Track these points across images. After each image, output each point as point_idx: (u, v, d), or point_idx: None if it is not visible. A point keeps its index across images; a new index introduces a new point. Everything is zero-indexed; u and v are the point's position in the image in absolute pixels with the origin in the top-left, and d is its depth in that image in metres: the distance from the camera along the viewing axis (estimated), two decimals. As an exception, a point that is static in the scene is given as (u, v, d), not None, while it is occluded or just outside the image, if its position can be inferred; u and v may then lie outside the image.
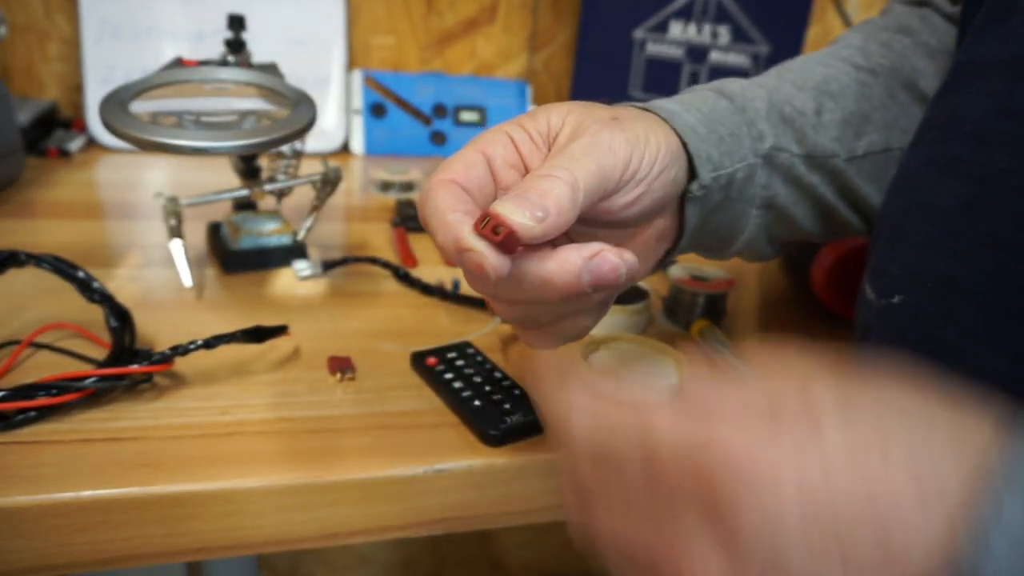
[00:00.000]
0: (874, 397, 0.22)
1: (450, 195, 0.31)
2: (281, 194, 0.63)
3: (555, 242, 0.31)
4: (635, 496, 0.24)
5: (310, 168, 0.62)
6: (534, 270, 0.30)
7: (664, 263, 0.42)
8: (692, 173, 0.38)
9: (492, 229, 0.28)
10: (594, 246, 0.30)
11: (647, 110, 0.38)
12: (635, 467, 0.23)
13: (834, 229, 0.46)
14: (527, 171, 0.34)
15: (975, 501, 0.19)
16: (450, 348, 0.47)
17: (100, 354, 0.43)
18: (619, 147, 0.32)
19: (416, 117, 0.98)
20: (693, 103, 0.40)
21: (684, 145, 0.37)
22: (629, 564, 0.25)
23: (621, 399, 0.24)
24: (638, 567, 0.24)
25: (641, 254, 0.37)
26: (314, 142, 0.93)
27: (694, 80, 0.99)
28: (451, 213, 0.30)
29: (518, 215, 0.28)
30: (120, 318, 0.43)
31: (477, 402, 0.41)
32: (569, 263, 0.30)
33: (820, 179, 0.43)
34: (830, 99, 0.43)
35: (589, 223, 0.35)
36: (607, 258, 0.30)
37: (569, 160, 0.31)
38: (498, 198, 0.30)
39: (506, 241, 0.28)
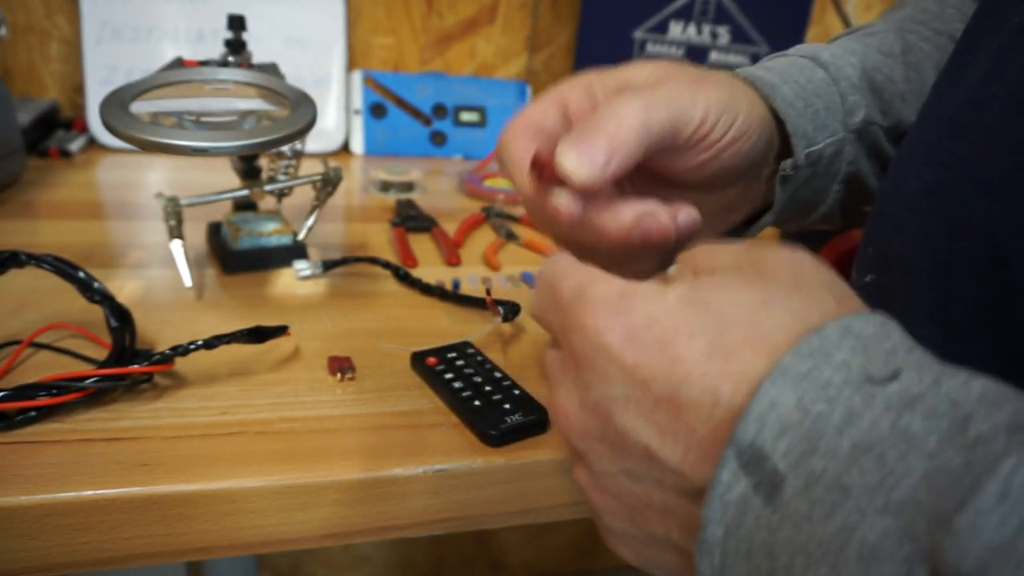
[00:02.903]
0: (746, 270, 0.25)
1: (525, 140, 0.32)
2: (281, 194, 0.63)
3: (621, 187, 0.32)
4: (552, 330, 0.27)
5: (310, 168, 0.62)
6: (590, 218, 0.31)
7: (740, 233, 0.42)
8: (784, 151, 0.38)
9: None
10: (648, 205, 0.31)
11: (742, 79, 0.38)
12: (548, 305, 0.27)
13: None
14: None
15: (756, 374, 0.21)
16: (450, 348, 0.47)
17: (100, 354, 0.43)
18: (699, 103, 0.32)
19: (416, 117, 0.99)
20: (790, 73, 0.39)
21: (780, 121, 0.37)
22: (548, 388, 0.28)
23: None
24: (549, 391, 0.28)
25: (706, 221, 0.37)
26: (314, 142, 0.93)
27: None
28: (524, 161, 0.32)
29: (582, 169, 0.29)
30: (120, 318, 0.43)
31: (477, 402, 0.42)
32: (621, 217, 0.31)
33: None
34: (912, 69, 0.42)
35: (654, 178, 0.35)
36: (658, 219, 0.31)
37: (646, 101, 0.31)
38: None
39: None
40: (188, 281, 0.52)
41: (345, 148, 0.97)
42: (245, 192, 0.60)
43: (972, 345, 0.29)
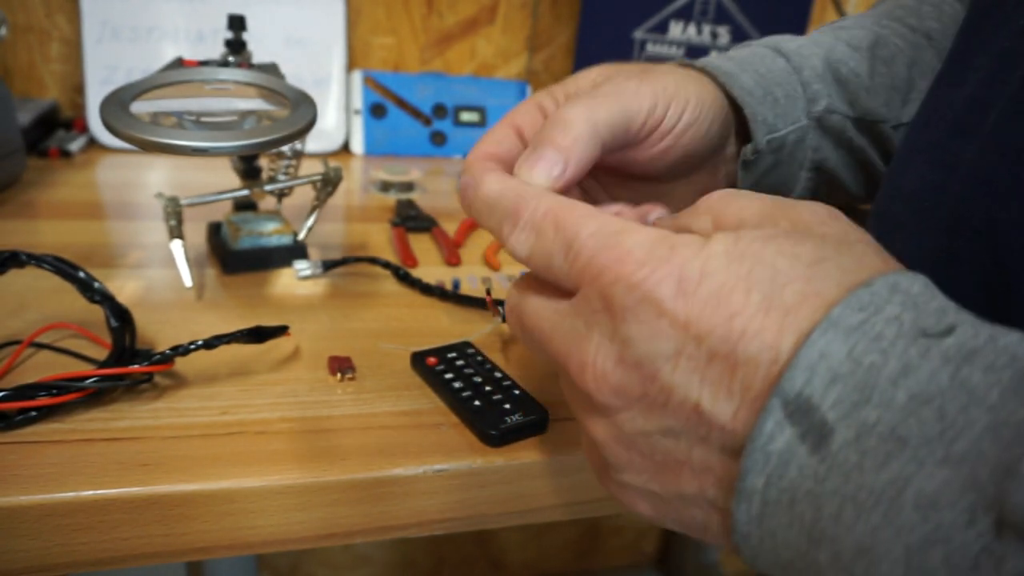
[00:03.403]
0: (783, 224, 0.25)
1: (490, 172, 0.33)
2: (281, 194, 0.63)
3: (592, 191, 0.32)
4: (553, 276, 0.26)
5: (310, 168, 0.62)
6: None
7: None
8: (745, 137, 0.38)
9: None
10: (616, 207, 0.30)
11: (698, 69, 0.38)
12: (558, 247, 0.26)
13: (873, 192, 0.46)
14: None
15: (807, 325, 0.21)
16: (450, 348, 0.47)
17: (100, 354, 0.43)
18: (644, 93, 0.32)
19: (416, 117, 0.99)
20: (749, 62, 0.39)
21: (739, 108, 0.37)
22: (533, 342, 0.28)
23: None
24: (544, 345, 0.27)
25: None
26: (314, 142, 0.93)
27: (694, 80, 0.99)
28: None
29: (539, 181, 0.29)
30: (120, 318, 0.43)
31: (477, 402, 0.42)
32: None
33: (869, 142, 0.43)
34: (882, 63, 0.42)
35: (620, 175, 0.35)
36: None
37: (589, 99, 0.31)
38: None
39: None
40: (188, 281, 0.52)
41: (345, 148, 0.97)
42: (245, 192, 0.60)
43: None
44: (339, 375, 0.44)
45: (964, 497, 0.18)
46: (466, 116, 1.00)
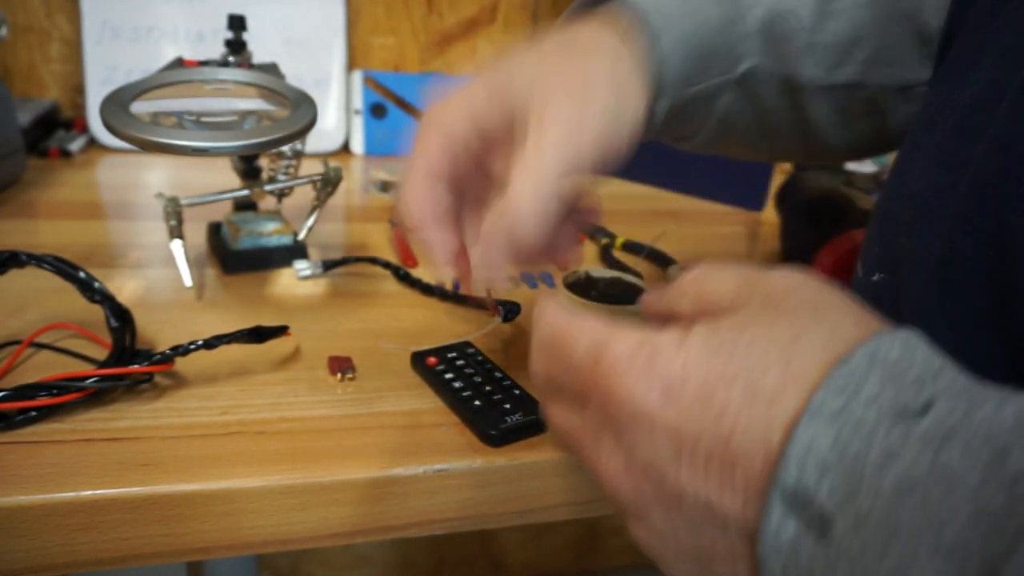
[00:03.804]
0: (757, 299, 0.25)
1: (428, 199, 0.35)
2: (281, 194, 0.63)
3: None
4: (567, 393, 0.27)
5: (310, 168, 0.62)
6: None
7: None
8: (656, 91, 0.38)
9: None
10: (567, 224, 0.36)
11: (628, 21, 0.37)
12: (562, 369, 0.27)
13: (771, 152, 0.48)
14: (492, 147, 0.36)
15: (792, 413, 0.22)
16: (450, 348, 0.47)
17: (101, 354, 0.43)
18: (586, 148, 0.33)
19: (416, 117, 0.98)
20: (688, 10, 0.39)
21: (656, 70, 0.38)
22: (569, 450, 0.29)
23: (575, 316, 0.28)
24: (575, 454, 0.28)
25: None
26: (314, 142, 0.92)
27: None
28: (440, 239, 0.36)
29: (491, 275, 0.34)
30: (121, 318, 0.43)
31: (477, 402, 0.42)
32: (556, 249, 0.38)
33: (782, 103, 0.43)
34: (830, 17, 0.42)
35: None
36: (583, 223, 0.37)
37: (539, 178, 0.33)
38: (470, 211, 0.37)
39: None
40: (188, 281, 0.52)
41: (345, 148, 0.97)
42: (245, 192, 0.60)
43: (980, 344, 0.30)
44: (339, 375, 0.44)
45: None
46: (466, 116, 1.00)
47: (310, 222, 0.60)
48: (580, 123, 0.33)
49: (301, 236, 0.60)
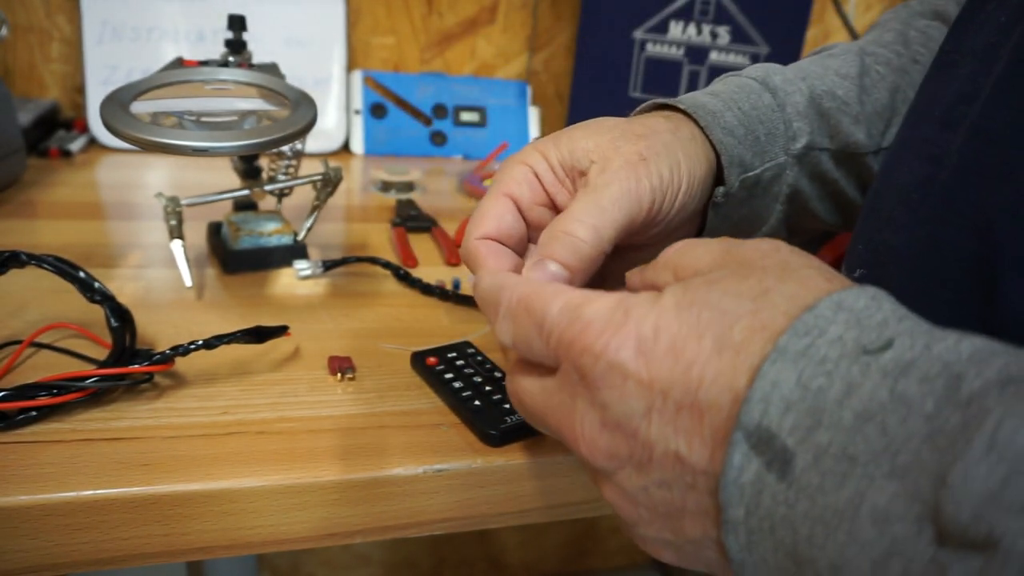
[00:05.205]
0: (731, 266, 0.26)
1: (489, 255, 0.35)
2: (281, 194, 0.63)
3: None
4: (536, 356, 0.28)
5: (310, 168, 0.62)
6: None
7: None
8: (719, 177, 0.39)
9: None
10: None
11: (684, 113, 0.39)
12: (534, 330, 0.27)
13: (852, 220, 0.47)
14: (554, 207, 0.36)
15: (758, 360, 0.22)
16: (450, 348, 0.47)
17: (101, 354, 0.44)
18: (644, 195, 0.34)
19: (416, 117, 0.99)
20: (735, 99, 0.40)
21: (716, 151, 0.38)
22: (536, 419, 0.29)
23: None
24: (544, 422, 0.28)
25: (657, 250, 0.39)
26: (314, 142, 0.93)
27: (693, 80, 0.99)
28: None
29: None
30: (121, 318, 0.43)
31: (477, 402, 0.42)
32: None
33: (844, 173, 0.44)
34: (865, 91, 0.44)
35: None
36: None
37: (595, 209, 0.33)
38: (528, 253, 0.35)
39: None
40: (188, 281, 0.52)
41: (345, 148, 0.97)
42: (245, 192, 0.60)
43: None
44: (339, 375, 0.44)
45: (911, 509, 0.18)
46: (466, 116, 1.00)
47: (310, 222, 0.60)
48: (637, 191, 0.34)
49: (301, 236, 0.60)
